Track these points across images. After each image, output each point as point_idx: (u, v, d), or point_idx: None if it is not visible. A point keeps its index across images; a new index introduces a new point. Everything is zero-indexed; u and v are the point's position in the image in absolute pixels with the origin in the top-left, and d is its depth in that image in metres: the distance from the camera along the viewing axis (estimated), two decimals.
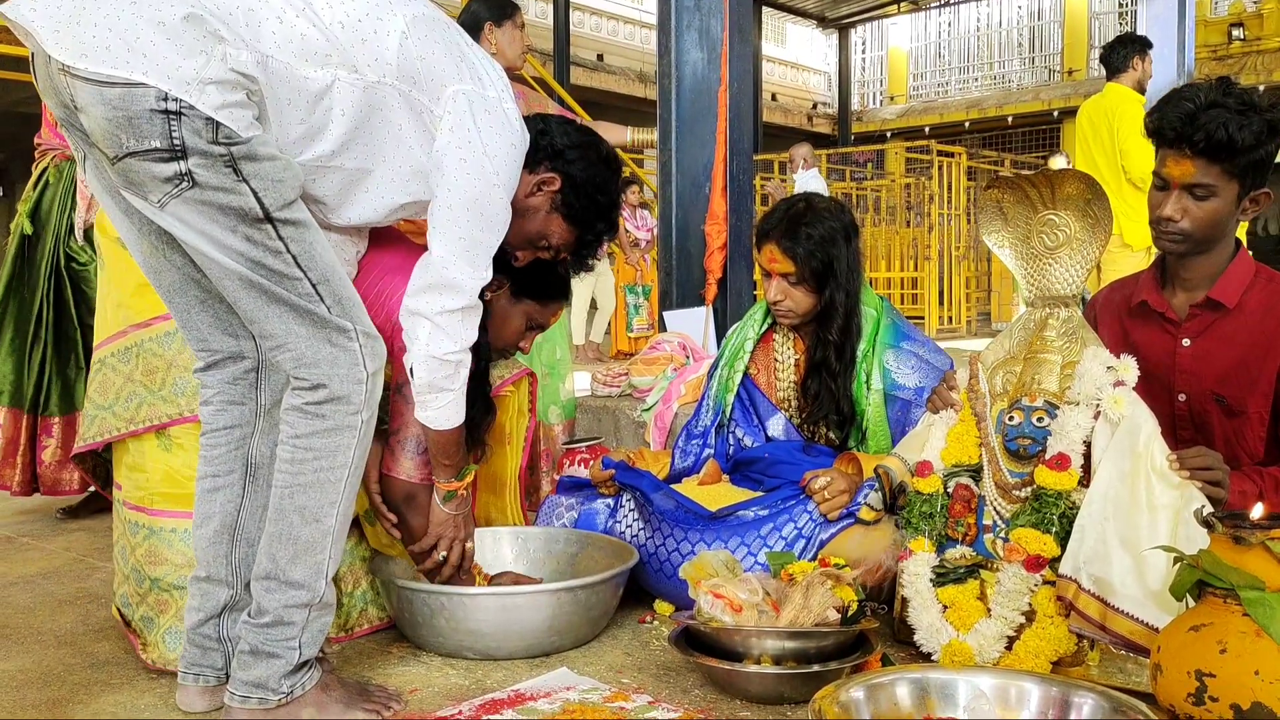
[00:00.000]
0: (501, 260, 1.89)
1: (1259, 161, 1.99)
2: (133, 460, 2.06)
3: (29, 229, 3.27)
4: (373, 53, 1.65)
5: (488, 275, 1.81)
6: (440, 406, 1.85)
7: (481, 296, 1.84)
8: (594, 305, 8.15)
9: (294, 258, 1.57)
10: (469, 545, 2.06)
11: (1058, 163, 9.13)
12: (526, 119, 1.90)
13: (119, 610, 2.06)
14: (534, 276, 2.11)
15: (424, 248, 1.82)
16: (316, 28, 1.60)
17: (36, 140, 3.37)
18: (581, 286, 7.84)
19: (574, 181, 1.95)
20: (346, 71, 1.63)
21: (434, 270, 1.76)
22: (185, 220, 1.52)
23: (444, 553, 2.03)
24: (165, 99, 1.44)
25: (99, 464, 2.37)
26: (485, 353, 2.09)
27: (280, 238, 1.55)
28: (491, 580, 2.20)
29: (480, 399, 2.02)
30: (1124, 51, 4.77)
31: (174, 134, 1.46)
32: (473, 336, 1.82)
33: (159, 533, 2.00)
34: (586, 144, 1.98)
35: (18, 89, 3.50)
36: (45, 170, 3.32)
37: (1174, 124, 1.99)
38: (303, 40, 1.58)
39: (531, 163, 1.90)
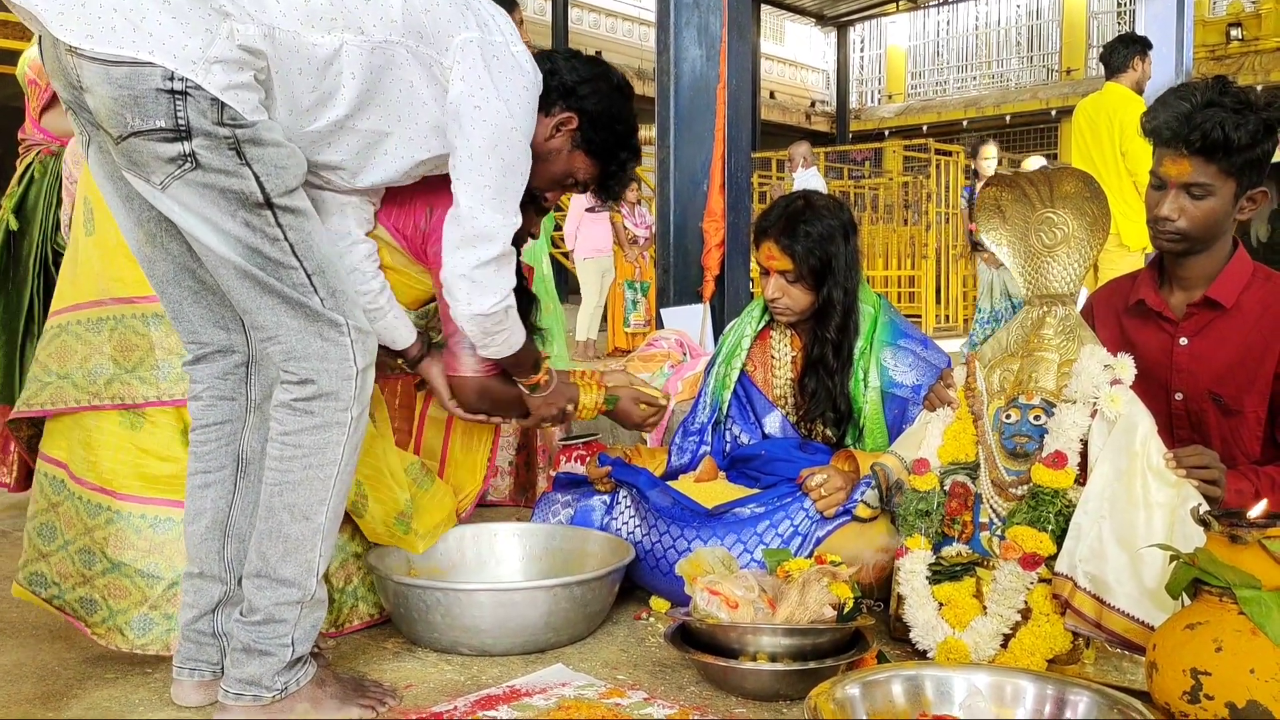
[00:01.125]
0: (529, 201, 1.94)
1: (1256, 160, 1.99)
2: (84, 436, 2.00)
3: (15, 225, 3.27)
4: (378, 11, 1.66)
5: (517, 221, 1.84)
6: (500, 343, 1.95)
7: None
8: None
9: (291, 246, 1.57)
10: (569, 408, 2.25)
11: (1033, 163, 9.15)
12: (534, 58, 1.92)
13: (29, 589, 2.00)
14: None
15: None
16: None
17: (20, 135, 3.37)
18: (594, 285, 7.85)
19: (590, 116, 1.98)
20: (353, 34, 1.63)
21: (464, 223, 1.79)
22: (185, 203, 1.52)
23: (550, 424, 2.26)
24: (171, 78, 1.44)
25: (35, 435, 2.30)
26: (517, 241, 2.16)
27: (279, 224, 1.55)
28: (609, 389, 2.36)
29: (521, 293, 2.08)
30: (1124, 52, 4.77)
31: (179, 114, 1.45)
32: (511, 283, 1.86)
33: (126, 517, 1.95)
34: (596, 76, 2.01)
35: (11, 84, 3.50)
36: (30, 165, 3.32)
37: (1170, 124, 1.99)
38: (307, 6, 1.59)
39: (545, 105, 1.92)
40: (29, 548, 2.03)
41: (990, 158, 7.60)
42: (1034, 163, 7.90)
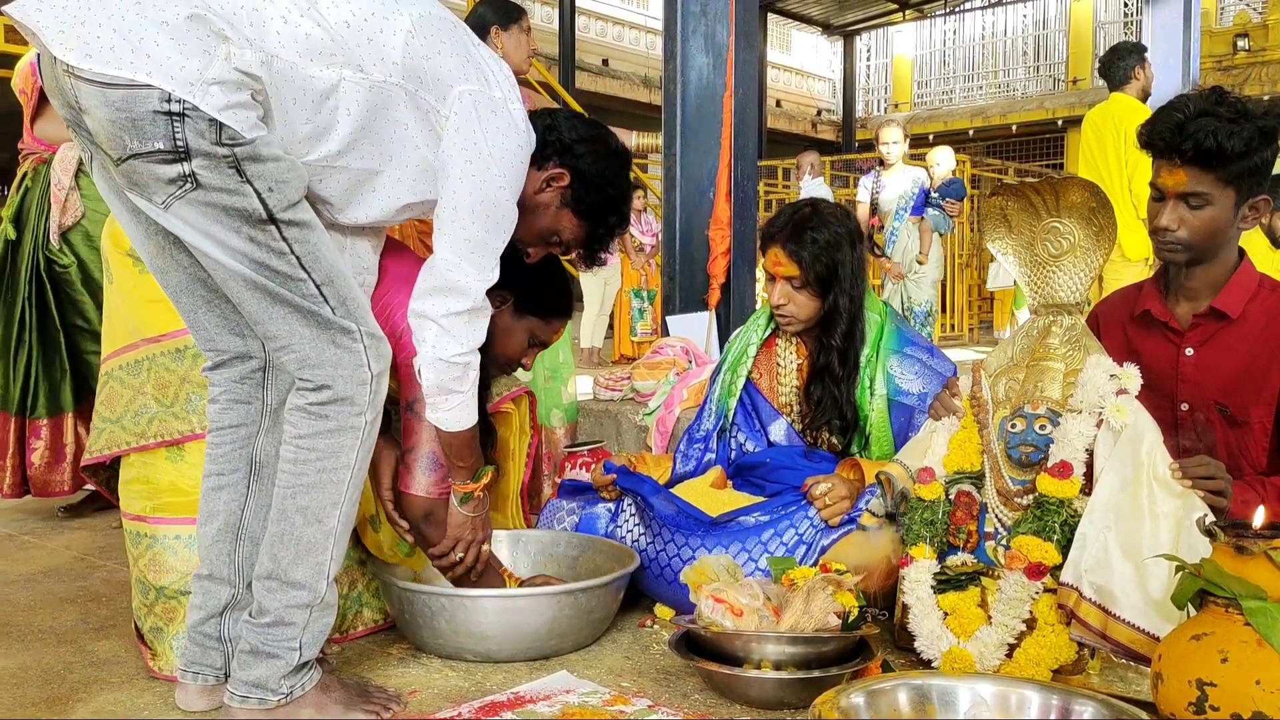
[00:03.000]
0: (509, 270, 1.88)
1: (1254, 168, 1.98)
2: (136, 474, 2.05)
3: (12, 234, 3.29)
4: (378, 52, 1.64)
5: (494, 277, 1.81)
6: (451, 408, 1.85)
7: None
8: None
9: (298, 259, 1.57)
10: (485, 548, 2.07)
11: (890, 132, 8.59)
12: (534, 115, 1.90)
13: (135, 624, 2.05)
14: (538, 293, 2.11)
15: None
16: (321, 27, 1.59)
17: (20, 145, 3.40)
18: (596, 292, 7.85)
19: (583, 176, 1.94)
20: (352, 71, 1.62)
21: (439, 273, 1.76)
22: (189, 221, 1.52)
23: (461, 554, 2.03)
24: (169, 100, 1.44)
25: (112, 476, 2.35)
26: (485, 371, 2.08)
27: (284, 239, 1.56)
28: (523, 584, 2.20)
29: (480, 418, 2.01)
30: (1122, 64, 4.76)
31: (177, 135, 1.45)
32: (480, 338, 1.82)
33: (162, 540, 1.99)
34: (595, 138, 1.97)
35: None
36: (25, 174, 3.35)
37: (1163, 135, 2.00)
38: (308, 40, 1.58)
39: (540, 158, 1.89)
40: (132, 584, 2.07)
41: (891, 141, 6.30)
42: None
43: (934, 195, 6.38)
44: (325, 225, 1.75)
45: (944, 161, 6.76)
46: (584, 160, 1.94)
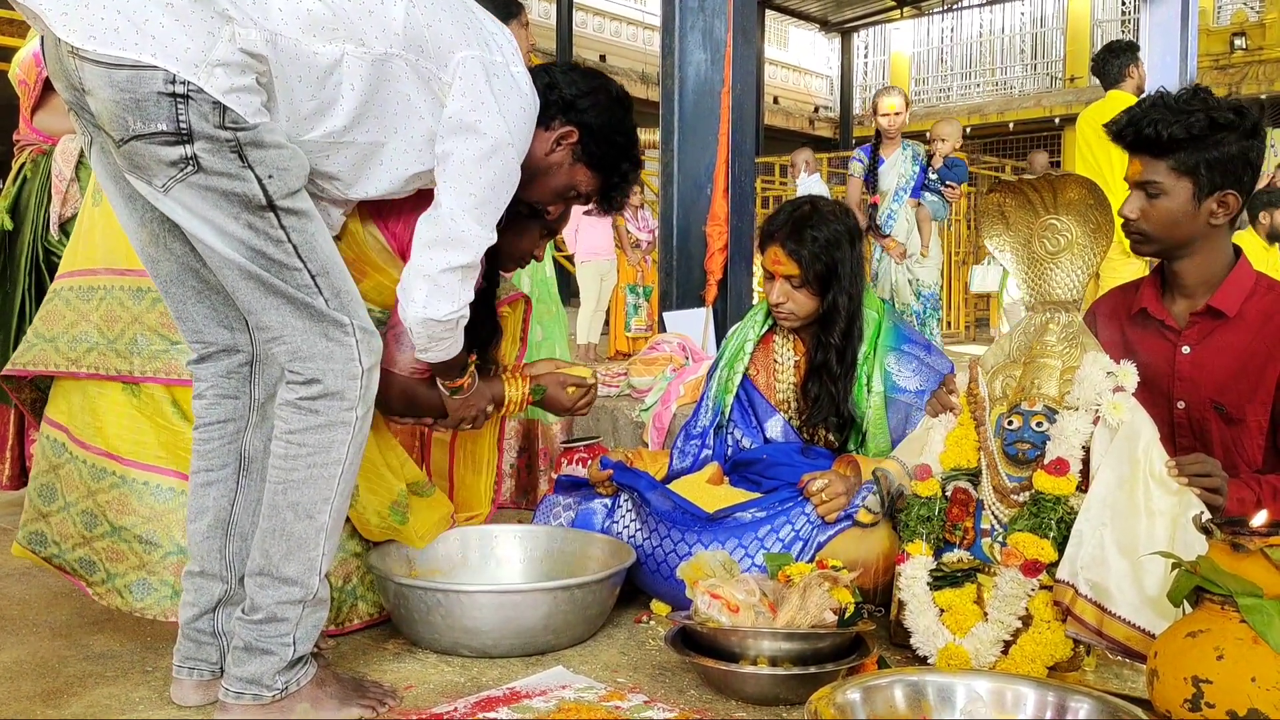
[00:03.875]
0: (533, 216, 1.94)
1: (1217, 161, 1.98)
2: (86, 402, 2.03)
3: (9, 224, 3.28)
4: (380, 24, 1.65)
5: (493, 237, 1.82)
6: (441, 351, 1.90)
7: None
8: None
9: (295, 248, 1.57)
10: (489, 409, 2.19)
11: (1040, 160, 8.70)
12: (531, 72, 1.91)
13: (28, 547, 2.04)
14: None
15: None
16: (323, 2, 1.60)
17: (15, 137, 3.39)
18: (593, 288, 7.86)
19: (590, 129, 1.97)
20: (354, 45, 1.63)
21: (443, 224, 1.76)
22: (188, 206, 1.52)
23: (468, 425, 2.20)
24: (173, 81, 1.44)
25: (37, 398, 2.26)
26: (493, 275, 2.14)
27: (282, 227, 1.55)
28: (533, 378, 2.27)
29: (488, 321, 2.06)
30: (1117, 62, 4.77)
31: (181, 117, 1.45)
32: (469, 296, 1.84)
33: (130, 483, 1.99)
34: (595, 88, 2.00)
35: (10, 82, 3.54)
36: (23, 165, 3.34)
37: (1115, 123, 2.07)
38: (309, 15, 1.58)
39: (545, 119, 1.92)
40: (29, 508, 2.07)
41: (892, 111, 5.49)
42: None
43: (932, 178, 5.67)
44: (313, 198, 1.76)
45: (950, 136, 5.89)
46: (589, 114, 1.97)
